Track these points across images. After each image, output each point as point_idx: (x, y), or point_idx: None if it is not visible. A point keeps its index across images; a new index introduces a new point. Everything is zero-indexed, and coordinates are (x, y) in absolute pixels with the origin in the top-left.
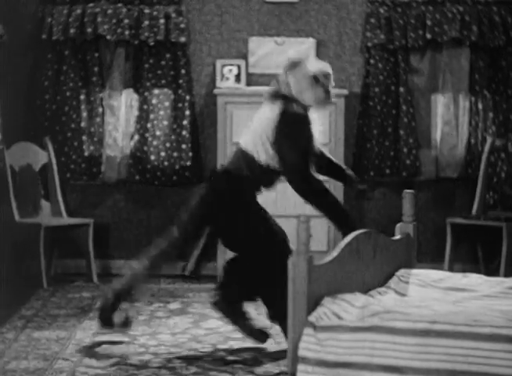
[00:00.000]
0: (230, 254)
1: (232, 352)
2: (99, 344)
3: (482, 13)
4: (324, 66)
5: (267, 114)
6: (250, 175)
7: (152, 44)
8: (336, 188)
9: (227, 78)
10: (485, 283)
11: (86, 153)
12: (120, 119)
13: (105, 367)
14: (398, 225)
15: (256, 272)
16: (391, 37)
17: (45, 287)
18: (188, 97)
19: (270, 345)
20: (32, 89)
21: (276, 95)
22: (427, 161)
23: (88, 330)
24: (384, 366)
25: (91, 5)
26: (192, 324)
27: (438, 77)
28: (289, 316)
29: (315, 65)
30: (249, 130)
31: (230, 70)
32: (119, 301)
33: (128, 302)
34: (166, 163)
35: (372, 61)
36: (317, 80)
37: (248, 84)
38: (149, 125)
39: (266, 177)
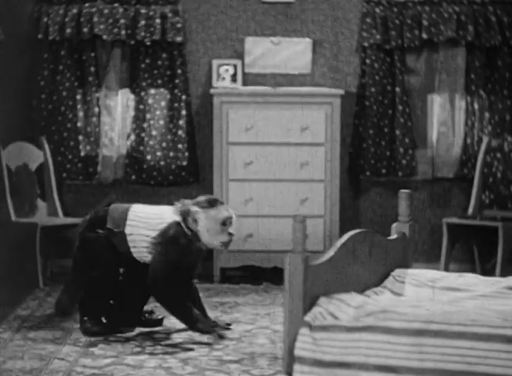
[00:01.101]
0: (225, 256)
1: (227, 351)
2: (95, 344)
3: (478, 13)
4: (231, 212)
5: (164, 215)
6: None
7: (148, 44)
8: (332, 189)
9: (223, 78)
10: (481, 282)
11: (82, 153)
12: (117, 119)
13: (101, 367)
14: (394, 225)
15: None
16: (387, 37)
17: (41, 286)
18: (184, 97)
19: (266, 345)
20: (28, 89)
21: (182, 214)
22: (423, 161)
23: None
24: (379, 366)
25: (87, 4)
26: None
27: (434, 77)
28: (285, 316)
29: (226, 211)
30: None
31: (226, 70)
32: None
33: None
34: (162, 163)
35: (368, 61)
36: (224, 224)
37: (244, 84)
38: (145, 125)
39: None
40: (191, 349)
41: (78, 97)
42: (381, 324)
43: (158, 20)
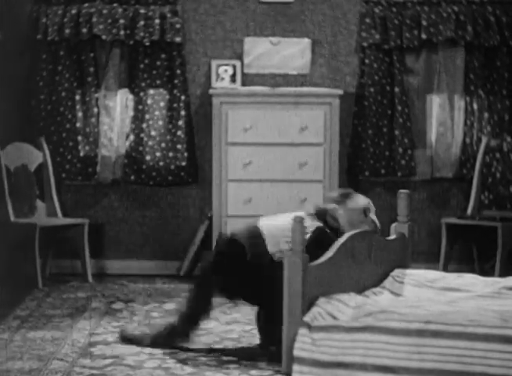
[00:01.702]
0: None
1: (227, 352)
2: (95, 344)
3: (477, 13)
4: (368, 201)
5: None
6: (250, 253)
7: (147, 44)
8: (331, 188)
9: (222, 78)
10: (480, 283)
11: (81, 154)
12: (116, 119)
13: (100, 368)
14: (393, 225)
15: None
16: (386, 37)
17: (40, 287)
18: (183, 97)
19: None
20: (27, 89)
21: (319, 216)
22: (422, 161)
23: (83, 331)
24: (378, 366)
25: (86, 5)
26: None
27: (433, 77)
28: (284, 316)
29: (363, 200)
30: (275, 220)
31: (225, 71)
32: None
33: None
34: (161, 163)
35: (367, 61)
36: (365, 215)
37: (243, 84)
38: (144, 125)
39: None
40: (190, 350)
41: (77, 97)
42: (380, 324)
43: (157, 21)
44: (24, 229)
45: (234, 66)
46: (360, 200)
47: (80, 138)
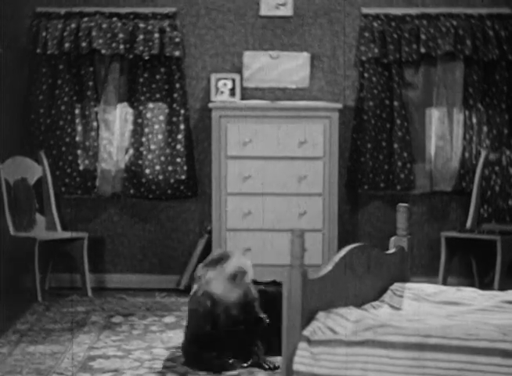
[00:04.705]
0: None
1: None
2: (94, 358)
3: (476, 27)
4: (240, 264)
5: None
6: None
7: (146, 58)
8: (331, 203)
9: (221, 92)
10: (480, 296)
11: (81, 167)
12: (115, 133)
13: None
14: (393, 238)
15: None
16: (385, 51)
17: (39, 301)
18: (182, 111)
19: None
20: (27, 103)
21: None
22: (422, 175)
23: (82, 345)
24: None
25: (85, 19)
26: None
27: (432, 91)
28: (283, 330)
29: (232, 264)
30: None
31: (225, 84)
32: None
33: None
34: (161, 177)
35: (366, 75)
36: (234, 279)
37: (243, 98)
38: (143, 139)
39: None
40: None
41: (77, 111)
42: (380, 339)
43: (156, 35)
44: (24, 242)
45: (233, 80)
46: (230, 265)
47: (79, 152)
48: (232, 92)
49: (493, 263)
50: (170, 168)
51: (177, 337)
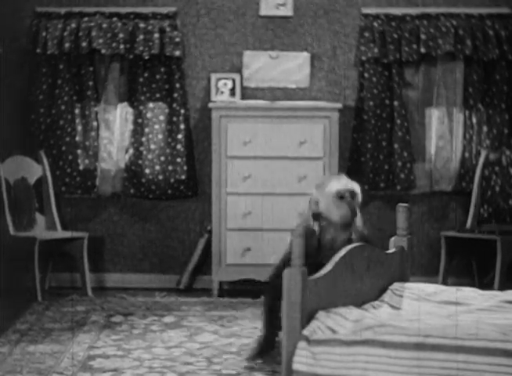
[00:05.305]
0: (223, 270)
1: (226, 365)
2: (94, 357)
3: (476, 27)
4: (350, 184)
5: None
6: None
7: (147, 58)
8: None
9: (222, 92)
10: (479, 296)
11: (81, 167)
12: (115, 133)
13: None
14: (393, 238)
15: None
16: (385, 51)
17: (39, 300)
18: (182, 111)
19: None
20: (27, 103)
21: (314, 217)
22: (422, 175)
23: (82, 344)
24: None
25: (85, 19)
26: (187, 338)
27: (432, 91)
28: (283, 330)
29: (341, 183)
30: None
31: (225, 84)
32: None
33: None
34: (161, 176)
35: (366, 75)
36: (341, 197)
37: (243, 97)
38: (143, 139)
39: None
40: (190, 363)
41: (77, 111)
42: (379, 338)
43: (157, 35)
44: (24, 242)
45: (233, 80)
46: (335, 184)
47: (79, 151)
48: (232, 91)
49: (493, 263)
50: (170, 168)
51: (177, 336)
